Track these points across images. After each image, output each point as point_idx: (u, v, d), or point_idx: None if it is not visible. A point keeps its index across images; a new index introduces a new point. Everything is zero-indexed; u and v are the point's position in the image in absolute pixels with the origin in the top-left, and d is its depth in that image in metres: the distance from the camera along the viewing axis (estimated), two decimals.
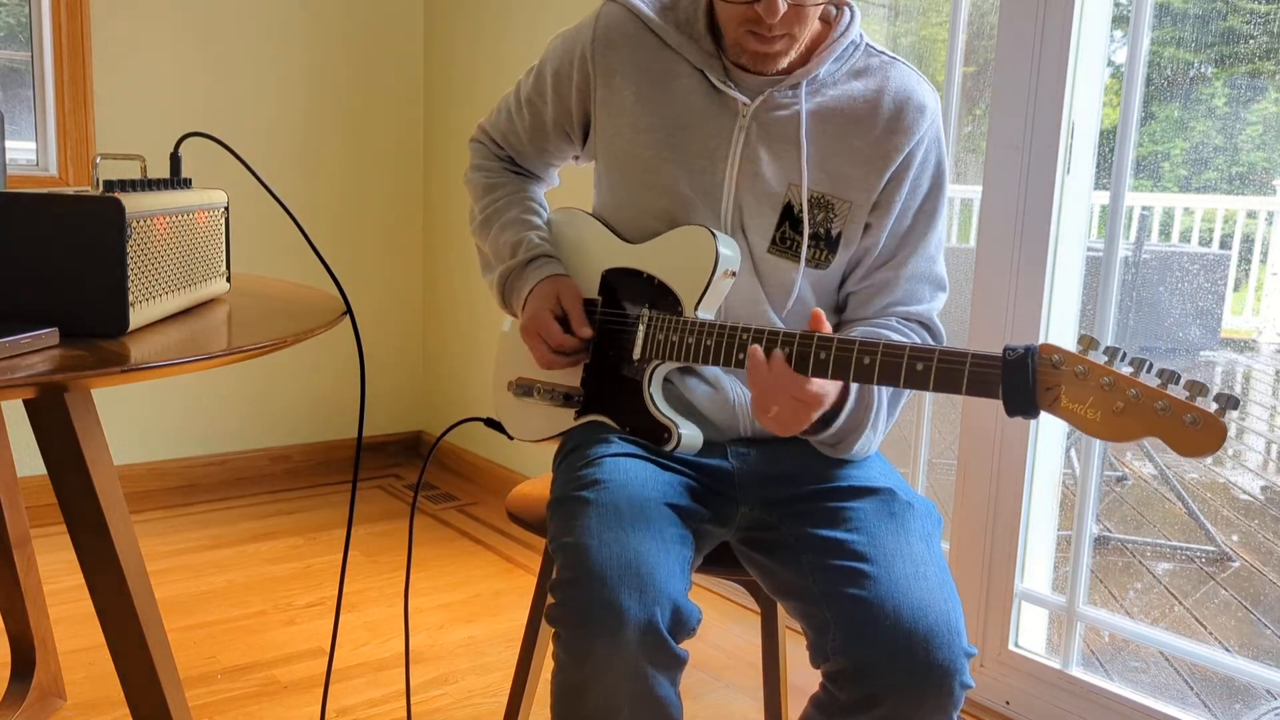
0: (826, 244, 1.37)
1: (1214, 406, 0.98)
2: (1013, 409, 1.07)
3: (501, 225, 1.50)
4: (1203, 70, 2.22)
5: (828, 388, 1.21)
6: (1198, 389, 0.98)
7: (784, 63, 1.33)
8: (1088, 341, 1.04)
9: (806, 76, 1.34)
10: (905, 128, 1.35)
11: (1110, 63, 1.94)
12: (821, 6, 1.29)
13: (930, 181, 1.38)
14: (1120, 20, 1.91)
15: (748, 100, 1.34)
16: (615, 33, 1.40)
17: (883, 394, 1.31)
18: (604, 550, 1.16)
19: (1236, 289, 3.21)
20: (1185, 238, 3.21)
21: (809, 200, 1.35)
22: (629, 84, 1.39)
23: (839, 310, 1.43)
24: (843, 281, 1.42)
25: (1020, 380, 1.05)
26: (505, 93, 1.57)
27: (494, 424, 1.55)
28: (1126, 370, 1.02)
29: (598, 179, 1.50)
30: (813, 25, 1.31)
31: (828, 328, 1.20)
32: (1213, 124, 2.28)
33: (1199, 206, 3.27)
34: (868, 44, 1.39)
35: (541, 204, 1.56)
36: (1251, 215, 3.23)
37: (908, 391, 1.36)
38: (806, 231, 1.35)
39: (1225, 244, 3.24)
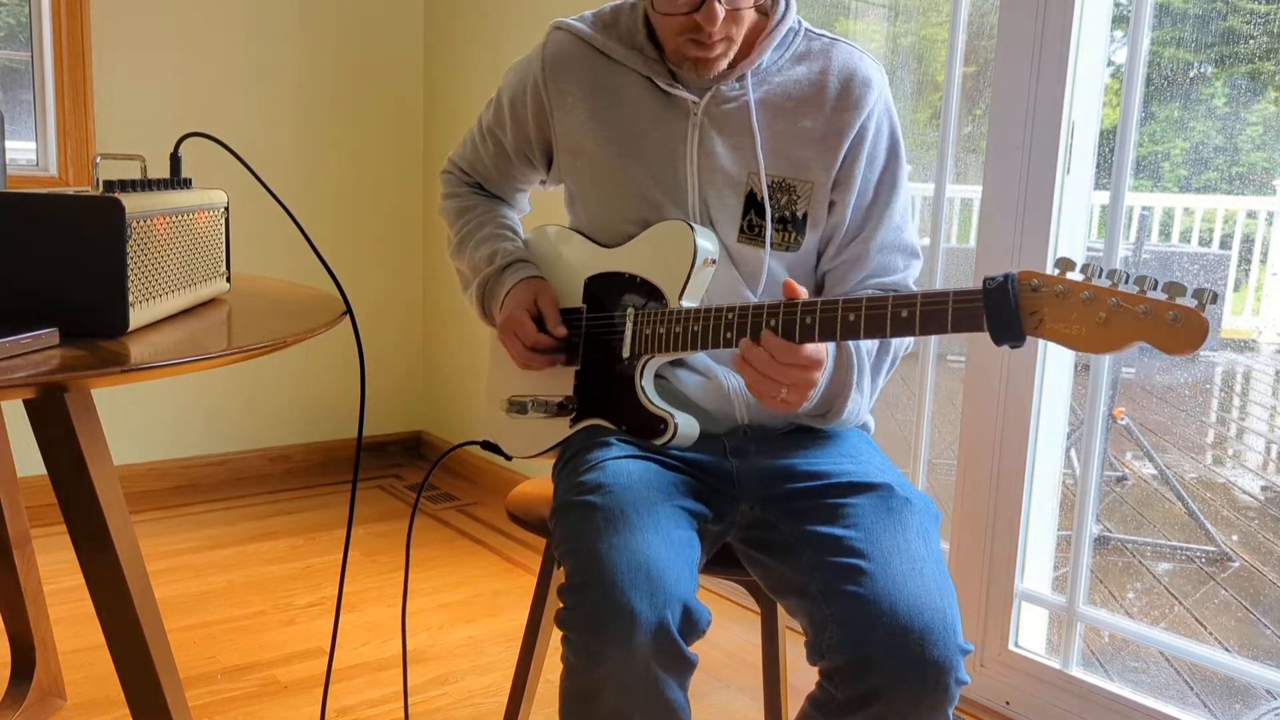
0: (794, 226, 1.39)
1: (1193, 303, 0.99)
2: (1000, 337, 1.07)
3: (476, 242, 1.54)
4: (1203, 70, 2.22)
5: (820, 349, 1.23)
6: (1176, 289, 1.00)
7: (724, 65, 1.36)
8: (1065, 263, 1.05)
9: (750, 67, 1.38)
10: (853, 104, 1.38)
11: (1110, 63, 1.94)
12: (753, 6, 1.32)
13: (886, 152, 1.42)
14: (1120, 20, 1.91)
15: (696, 98, 1.38)
16: (563, 57, 1.44)
17: (863, 355, 1.33)
18: (613, 554, 1.16)
19: (1236, 289, 3.22)
20: (1185, 238, 3.21)
21: (771, 185, 1.38)
22: (582, 103, 1.43)
23: (818, 292, 1.45)
24: (818, 262, 1.44)
25: (1003, 307, 1.06)
26: (470, 125, 1.62)
27: (491, 446, 1.56)
28: (1105, 283, 1.03)
29: (569, 200, 1.53)
30: (747, 25, 1.34)
31: (803, 293, 1.21)
32: (1213, 124, 2.28)
33: (1199, 206, 3.27)
34: (807, 29, 1.43)
35: (514, 221, 1.60)
36: (1251, 215, 3.23)
37: (891, 355, 1.38)
38: (770, 216, 1.38)
39: (1225, 244, 3.24)
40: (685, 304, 1.35)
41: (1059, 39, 1.86)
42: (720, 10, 1.27)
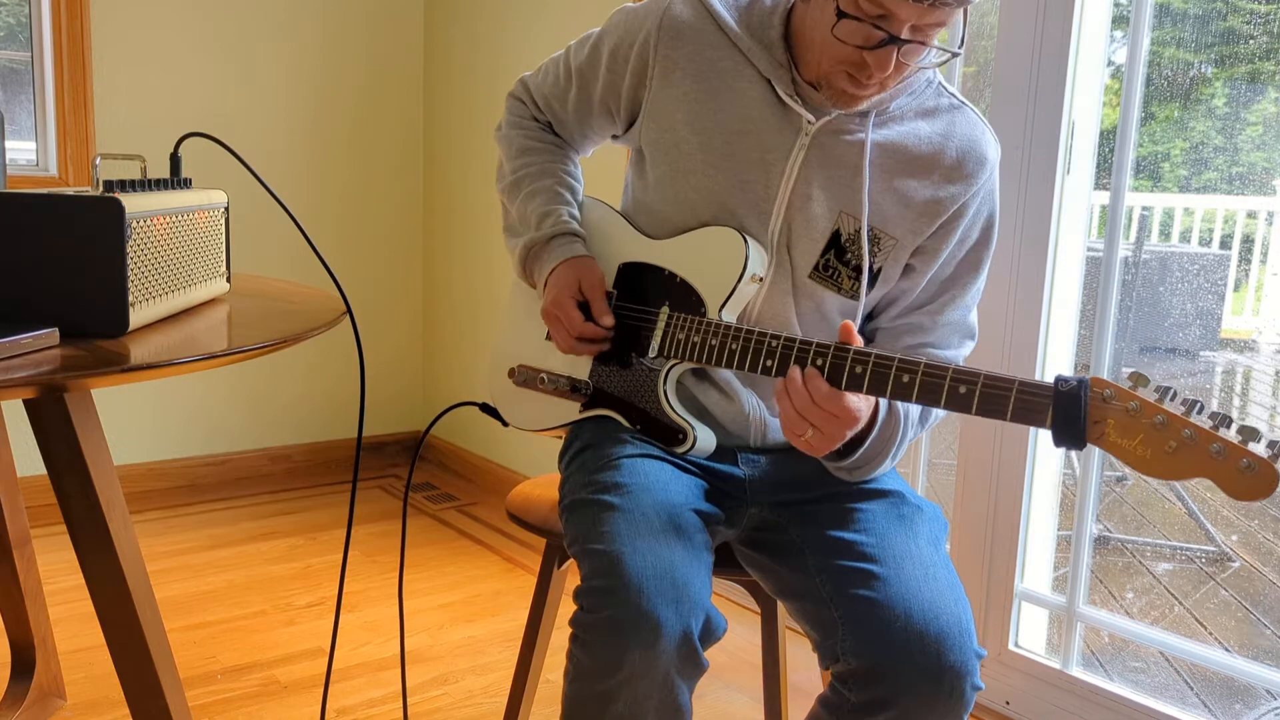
0: (867, 277, 1.33)
1: (1266, 453, 0.99)
2: (1060, 440, 1.06)
3: (532, 191, 1.45)
4: (1203, 70, 2.22)
5: (862, 405, 1.19)
6: (1250, 433, 1.00)
7: (865, 105, 1.29)
8: (1137, 378, 1.04)
9: (877, 106, 1.31)
10: (964, 178, 1.32)
11: (1110, 63, 1.94)
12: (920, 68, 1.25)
13: (980, 234, 1.36)
14: (1120, 20, 1.91)
15: (812, 119, 1.30)
16: (684, 24, 1.34)
17: (908, 427, 1.29)
18: (638, 559, 1.14)
19: (1236, 289, 3.21)
20: (1185, 238, 3.21)
21: (856, 231, 1.31)
22: (689, 81, 1.33)
23: (866, 344, 1.39)
24: (871, 316, 1.39)
25: (1072, 413, 1.05)
26: (554, 54, 1.51)
27: (489, 409, 1.52)
28: (1178, 409, 1.02)
29: (637, 169, 1.44)
30: (905, 77, 1.28)
31: (859, 340, 1.18)
32: (1213, 124, 2.28)
33: (1199, 206, 3.27)
34: (940, 83, 1.36)
35: (576, 179, 1.50)
36: (1251, 215, 3.23)
37: (929, 425, 1.34)
38: (858, 265, 1.32)
39: (1225, 244, 3.24)
40: (725, 317, 1.31)
41: (1059, 39, 1.86)
42: (893, 59, 1.19)
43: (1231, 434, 1.01)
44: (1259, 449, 0.99)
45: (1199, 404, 1.03)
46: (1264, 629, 2.56)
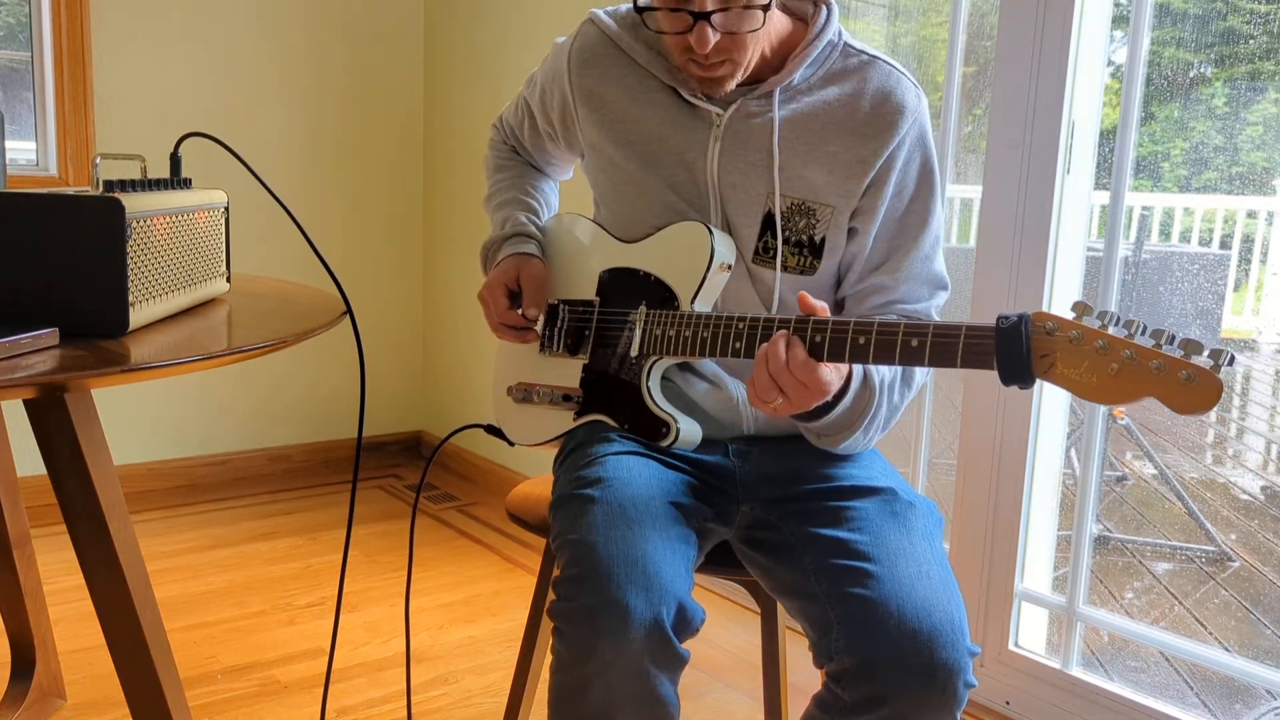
0: (811, 250, 1.36)
1: (1208, 363, 0.97)
2: (1008, 378, 1.06)
3: (499, 204, 1.57)
4: (1203, 70, 2.22)
5: (833, 379, 1.20)
6: (1192, 347, 0.97)
7: (731, 85, 1.31)
8: (1081, 308, 1.03)
9: (780, 84, 1.34)
10: (883, 130, 1.32)
11: (1110, 63, 1.94)
12: (760, 31, 1.26)
13: (916, 182, 1.36)
14: (1120, 20, 1.91)
15: (720, 111, 1.35)
16: (589, 53, 1.42)
17: (882, 401, 1.30)
18: (610, 548, 1.16)
19: (1236, 289, 3.21)
20: (1185, 238, 3.21)
21: (789, 207, 1.35)
22: (605, 103, 1.41)
23: (835, 314, 1.41)
24: (838, 285, 1.41)
25: (1015, 348, 1.05)
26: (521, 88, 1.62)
27: (494, 430, 1.55)
28: (1121, 333, 1.01)
29: (594, 190, 1.52)
30: (756, 50, 1.29)
31: (819, 308, 1.19)
32: (1213, 124, 2.28)
33: (1199, 206, 3.27)
34: (846, 43, 1.37)
35: (543, 190, 1.60)
36: (1251, 215, 3.23)
37: (908, 400, 1.35)
38: (780, 239, 1.35)
39: (1225, 244, 3.24)
40: (697, 308, 1.34)
41: (1059, 39, 1.86)
42: (712, 35, 1.22)
43: (1174, 349, 0.98)
44: (1200, 360, 0.96)
45: (1142, 325, 1.01)
46: (1264, 629, 2.56)
